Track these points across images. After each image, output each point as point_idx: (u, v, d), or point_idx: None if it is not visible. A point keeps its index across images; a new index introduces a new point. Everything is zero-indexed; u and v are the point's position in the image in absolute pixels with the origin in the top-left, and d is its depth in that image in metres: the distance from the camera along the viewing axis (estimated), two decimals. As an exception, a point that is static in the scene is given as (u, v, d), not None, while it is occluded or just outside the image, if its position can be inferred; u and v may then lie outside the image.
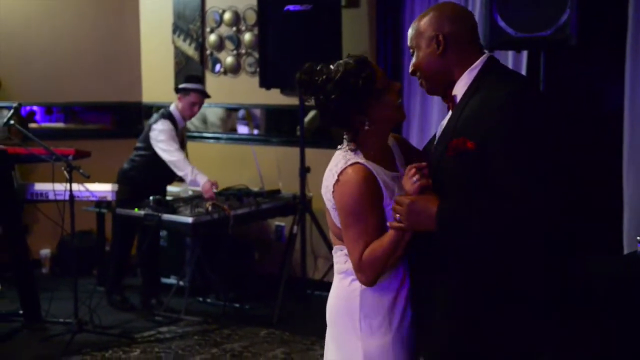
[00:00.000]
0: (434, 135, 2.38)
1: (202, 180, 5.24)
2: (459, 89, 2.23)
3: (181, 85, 5.42)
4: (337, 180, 2.25)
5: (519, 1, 3.63)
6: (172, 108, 5.40)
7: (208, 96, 5.56)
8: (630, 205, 4.38)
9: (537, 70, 4.13)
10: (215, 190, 5.30)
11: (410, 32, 2.30)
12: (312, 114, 5.71)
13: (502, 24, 3.69)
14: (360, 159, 2.26)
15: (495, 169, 2.03)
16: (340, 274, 2.37)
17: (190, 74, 5.54)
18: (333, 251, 2.41)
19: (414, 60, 2.29)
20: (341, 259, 2.36)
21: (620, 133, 4.40)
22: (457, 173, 2.12)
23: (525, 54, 4.57)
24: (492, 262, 2.11)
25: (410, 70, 2.32)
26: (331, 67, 2.29)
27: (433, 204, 2.10)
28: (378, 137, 2.32)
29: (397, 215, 2.15)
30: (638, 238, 3.73)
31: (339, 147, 2.34)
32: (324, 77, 2.27)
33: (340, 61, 2.30)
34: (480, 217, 2.06)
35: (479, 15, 4.45)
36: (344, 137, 2.34)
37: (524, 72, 4.57)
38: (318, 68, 2.30)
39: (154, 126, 5.31)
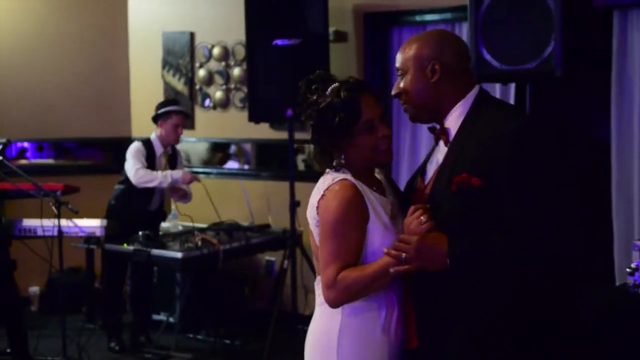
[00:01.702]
0: (419, 170, 2.34)
1: (179, 174, 5.22)
2: (452, 121, 2.17)
3: (160, 111, 5.32)
4: (323, 196, 2.20)
5: (504, 34, 3.66)
6: (152, 136, 5.36)
7: (189, 116, 5.53)
8: (619, 237, 4.38)
9: (524, 102, 4.16)
10: (198, 181, 5.32)
11: (402, 54, 2.22)
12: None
13: (487, 57, 3.72)
14: (347, 176, 2.22)
15: (506, 206, 2.01)
16: (322, 304, 2.27)
17: (164, 100, 5.50)
18: (315, 281, 2.32)
19: (401, 84, 2.21)
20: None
21: (608, 164, 4.41)
22: (462, 209, 2.07)
23: (512, 86, 4.61)
24: (504, 295, 2.08)
25: (393, 92, 2.25)
26: (328, 89, 2.24)
27: (443, 242, 2.05)
28: (359, 167, 2.26)
29: (404, 255, 2.07)
30: (627, 270, 3.72)
31: (327, 170, 2.29)
32: (313, 98, 2.25)
33: (337, 85, 2.24)
34: (493, 250, 2.02)
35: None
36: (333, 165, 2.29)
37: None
38: (313, 87, 2.26)
39: (126, 154, 5.29)
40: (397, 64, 2.23)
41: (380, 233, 2.19)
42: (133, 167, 5.16)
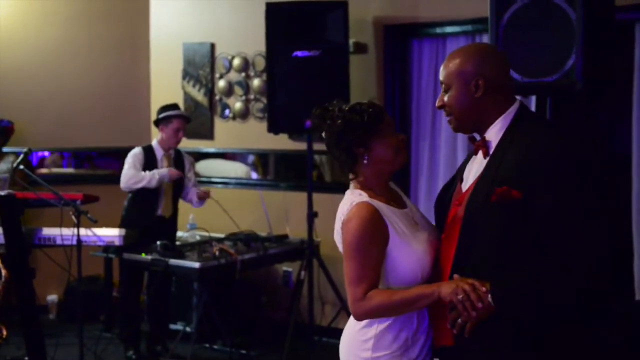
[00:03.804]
0: (454, 179, 2.40)
1: (164, 171, 5.26)
2: (493, 134, 2.24)
3: (161, 115, 5.39)
4: (345, 221, 2.32)
5: (525, 47, 3.64)
6: (154, 141, 5.43)
7: (189, 120, 5.57)
8: (639, 251, 4.34)
9: (544, 114, 4.13)
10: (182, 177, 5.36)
11: (446, 68, 2.28)
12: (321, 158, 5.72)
13: (508, 69, 3.70)
14: (365, 198, 2.32)
15: (545, 221, 2.06)
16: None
17: (165, 104, 5.56)
18: None
19: (445, 98, 2.28)
20: None
21: (628, 177, 4.37)
22: (500, 220, 2.12)
23: (533, 98, 4.58)
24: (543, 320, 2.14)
25: (437, 104, 2.32)
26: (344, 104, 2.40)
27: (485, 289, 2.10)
28: (378, 177, 2.38)
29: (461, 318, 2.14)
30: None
31: (347, 191, 2.40)
32: (337, 107, 2.38)
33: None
34: (536, 288, 2.09)
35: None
36: (349, 178, 2.41)
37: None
38: (328, 105, 2.41)
39: None
40: (441, 78, 2.30)
41: (403, 246, 2.29)
42: (124, 171, 5.27)
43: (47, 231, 4.98)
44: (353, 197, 2.34)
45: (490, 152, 2.23)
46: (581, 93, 3.59)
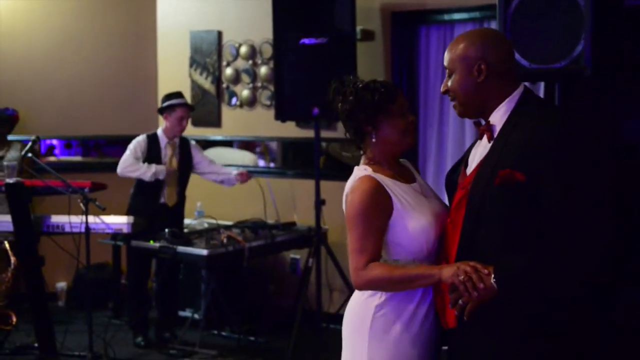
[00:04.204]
0: (461, 162, 2.39)
1: (162, 168, 5.29)
2: (497, 118, 2.23)
3: (165, 104, 5.41)
4: (348, 193, 2.38)
5: (533, 33, 3.62)
6: (159, 129, 5.45)
7: (193, 108, 5.58)
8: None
9: (553, 101, 4.12)
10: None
11: (449, 53, 2.28)
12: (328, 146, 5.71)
13: (516, 55, 3.66)
14: (370, 172, 2.37)
15: (550, 203, 2.05)
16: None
17: (169, 93, 5.58)
18: None
19: (449, 83, 2.28)
20: None
21: (638, 163, 4.35)
22: (504, 203, 2.12)
23: (541, 85, 4.56)
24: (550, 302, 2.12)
25: (442, 89, 2.33)
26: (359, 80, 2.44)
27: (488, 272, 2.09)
28: (386, 156, 2.42)
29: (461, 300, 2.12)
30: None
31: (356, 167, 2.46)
32: (352, 83, 2.42)
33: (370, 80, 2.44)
34: (540, 273, 2.08)
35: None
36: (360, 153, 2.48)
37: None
38: (344, 80, 2.45)
39: None
40: (445, 63, 2.30)
41: (407, 217, 2.32)
42: (123, 157, 5.30)
43: (56, 219, 5.00)
44: (358, 172, 2.40)
45: (495, 136, 2.23)
46: (590, 79, 3.58)
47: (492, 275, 2.08)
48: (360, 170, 2.40)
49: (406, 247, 2.32)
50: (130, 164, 5.27)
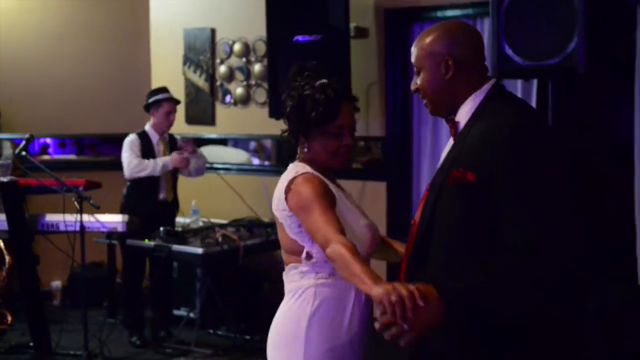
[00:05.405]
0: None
1: (167, 159, 5.29)
2: (463, 115, 2.13)
3: (151, 99, 5.41)
4: (289, 189, 2.30)
5: (527, 30, 3.63)
6: (147, 126, 5.44)
7: (179, 102, 5.58)
8: (642, 234, 4.34)
9: (546, 98, 4.13)
10: (188, 153, 5.35)
11: (415, 50, 2.18)
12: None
13: (509, 52, 3.69)
14: (308, 169, 2.33)
15: (500, 203, 1.92)
16: (292, 292, 2.36)
17: (154, 88, 5.57)
18: (284, 272, 2.41)
19: (418, 81, 2.18)
20: (295, 277, 2.35)
21: (631, 160, 4.37)
22: (457, 204, 2.00)
23: (535, 82, 4.57)
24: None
25: (412, 88, 2.23)
26: (317, 82, 2.34)
27: (433, 294, 1.84)
28: (318, 164, 2.37)
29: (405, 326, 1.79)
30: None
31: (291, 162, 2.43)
32: (301, 83, 2.36)
33: (326, 82, 2.35)
34: (495, 286, 1.90)
35: (486, 43, 4.45)
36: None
37: (533, 100, 4.57)
38: (306, 74, 2.38)
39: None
40: (412, 60, 2.20)
41: (350, 217, 2.30)
42: (126, 159, 5.26)
43: (50, 217, 4.99)
44: (298, 169, 2.35)
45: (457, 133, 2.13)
46: (583, 76, 3.59)
47: (438, 299, 1.83)
48: (300, 168, 2.35)
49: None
50: (137, 164, 5.25)
